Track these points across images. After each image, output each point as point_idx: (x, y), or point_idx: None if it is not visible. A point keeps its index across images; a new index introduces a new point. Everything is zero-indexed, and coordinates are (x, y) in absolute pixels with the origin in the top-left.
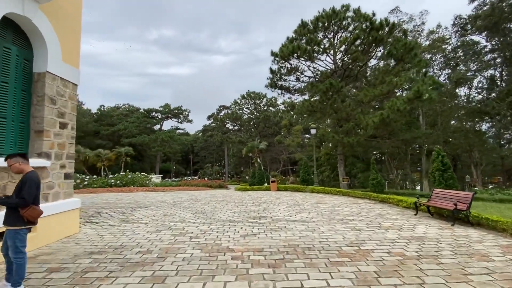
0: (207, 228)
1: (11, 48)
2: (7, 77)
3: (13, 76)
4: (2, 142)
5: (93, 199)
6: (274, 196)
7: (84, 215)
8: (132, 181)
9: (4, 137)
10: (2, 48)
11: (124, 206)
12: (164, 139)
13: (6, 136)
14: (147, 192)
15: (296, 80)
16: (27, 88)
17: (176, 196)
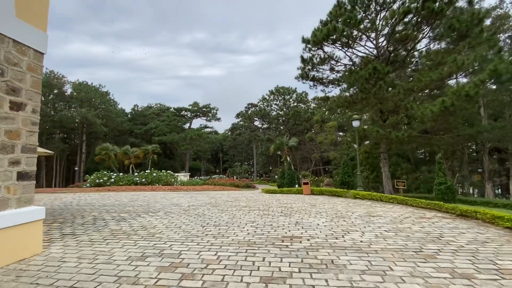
0: (212, 257)
1: None
2: None
3: None
4: None
5: (107, 199)
6: (308, 202)
7: (80, 221)
8: (157, 180)
9: None
10: None
11: (130, 210)
12: (193, 137)
13: None
14: (168, 192)
15: (330, 70)
16: None
17: (195, 198)
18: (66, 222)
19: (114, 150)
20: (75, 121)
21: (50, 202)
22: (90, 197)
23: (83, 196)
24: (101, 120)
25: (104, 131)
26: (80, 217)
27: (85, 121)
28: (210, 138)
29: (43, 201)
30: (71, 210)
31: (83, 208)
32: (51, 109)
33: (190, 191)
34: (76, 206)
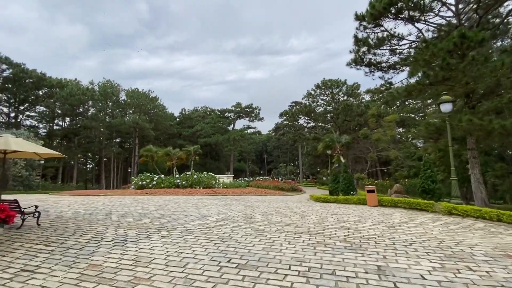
0: None
1: None
2: None
3: None
4: None
5: (133, 206)
6: (381, 221)
7: (67, 242)
8: (198, 182)
9: None
10: None
11: (145, 224)
12: (236, 138)
13: None
14: (204, 197)
15: (390, 52)
16: None
17: (229, 207)
18: (49, 241)
19: (158, 152)
20: (128, 126)
21: (70, 208)
22: (121, 202)
23: (114, 200)
24: (150, 124)
25: (154, 135)
26: (71, 235)
27: (136, 125)
28: (253, 138)
29: (70, 206)
30: (75, 222)
31: (93, 218)
32: (108, 116)
33: (228, 195)
34: (87, 215)
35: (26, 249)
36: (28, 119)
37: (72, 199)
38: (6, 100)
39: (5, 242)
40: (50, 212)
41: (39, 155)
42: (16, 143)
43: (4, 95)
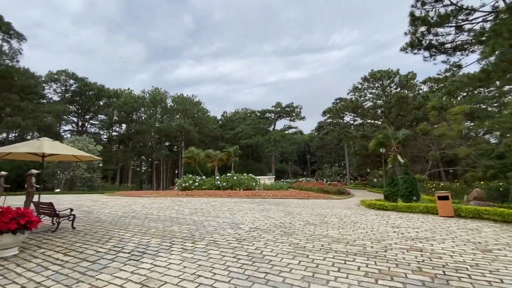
0: None
1: None
2: None
3: None
4: None
5: (169, 210)
6: (467, 240)
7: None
8: (238, 183)
9: None
10: None
11: (173, 232)
12: (277, 138)
13: None
14: (241, 200)
15: (457, 30)
16: None
17: (266, 214)
18: (71, 249)
19: (199, 154)
20: (175, 129)
21: (111, 210)
22: (159, 204)
23: (155, 202)
24: (195, 128)
25: (198, 137)
26: (96, 241)
27: (182, 129)
28: (295, 139)
29: (113, 207)
30: (107, 226)
31: (126, 222)
32: (158, 121)
33: (268, 198)
34: (122, 218)
35: (44, 258)
36: (92, 127)
37: (119, 200)
38: (75, 111)
39: (31, 248)
40: (93, 213)
41: (77, 157)
42: (50, 147)
43: (73, 107)
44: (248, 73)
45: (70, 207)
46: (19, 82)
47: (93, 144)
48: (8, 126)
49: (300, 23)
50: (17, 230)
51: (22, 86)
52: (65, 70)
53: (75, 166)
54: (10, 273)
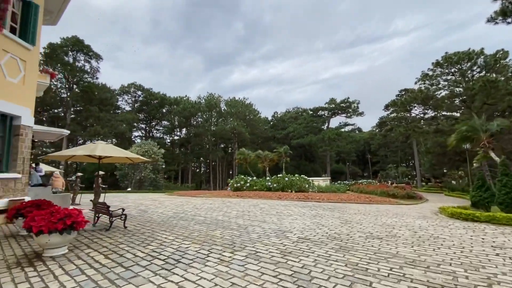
0: None
1: None
2: None
3: None
4: None
5: (217, 211)
6: None
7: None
8: (289, 185)
9: None
10: None
11: (210, 240)
12: (331, 137)
13: None
14: (292, 203)
15: None
16: None
17: (319, 221)
18: (114, 251)
19: (250, 155)
20: (228, 132)
21: (164, 210)
22: (210, 204)
23: (206, 203)
24: (246, 129)
25: (250, 138)
26: (139, 243)
27: (235, 131)
28: (352, 137)
29: (167, 207)
30: (155, 227)
31: (173, 224)
32: (213, 124)
33: (322, 201)
34: (171, 219)
35: (86, 259)
36: (157, 132)
37: (175, 200)
38: (143, 118)
39: (81, 247)
40: (147, 212)
41: (130, 159)
42: (102, 150)
43: (142, 115)
44: (299, 72)
45: (130, 206)
46: (98, 96)
47: (157, 147)
48: (90, 134)
49: (355, 13)
50: (64, 231)
51: (101, 99)
52: (134, 82)
53: (142, 167)
54: (49, 276)
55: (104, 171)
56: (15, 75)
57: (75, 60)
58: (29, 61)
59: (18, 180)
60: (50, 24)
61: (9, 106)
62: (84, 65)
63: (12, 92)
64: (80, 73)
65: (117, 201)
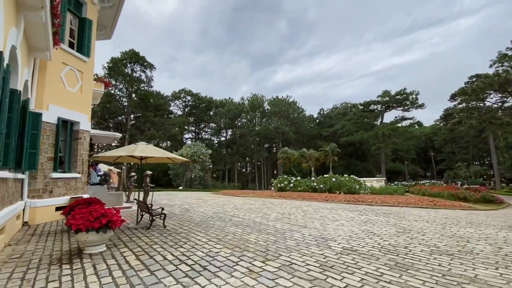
0: None
1: None
2: None
3: None
4: None
5: (254, 212)
6: None
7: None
8: (337, 186)
9: None
10: None
11: (242, 246)
12: (385, 133)
13: None
14: (341, 206)
15: None
16: None
17: (368, 229)
18: (145, 252)
19: (293, 154)
20: (272, 131)
21: (206, 209)
22: (250, 205)
23: (247, 203)
24: (290, 128)
25: (294, 137)
26: (171, 245)
27: (278, 130)
28: (411, 132)
29: (209, 206)
30: (192, 228)
31: (210, 224)
32: (257, 125)
33: (375, 205)
34: (209, 219)
35: (118, 259)
36: (206, 134)
37: (218, 199)
38: (193, 121)
39: (119, 245)
40: (190, 211)
41: (171, 159)
42: (142, 150)
43: (191, 118)
44: (347, 66)
45: (176, 204)
46: (153, 102)
47: (205, 148)
48: (147, 137)
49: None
50: (100, 229)
51: (155, 105)
52: (184, 88)
53: (192, 167)
54: (79, 275)
55: (152, 171)
56: (74, 85)
57: (133, 71)
58: (85, 72)
59: (78, 179)
60: (106, 38)
61: (70, 113)
62: (140, 75)
63: (72, 100)
64: (137, 82)
65: (166, 199)
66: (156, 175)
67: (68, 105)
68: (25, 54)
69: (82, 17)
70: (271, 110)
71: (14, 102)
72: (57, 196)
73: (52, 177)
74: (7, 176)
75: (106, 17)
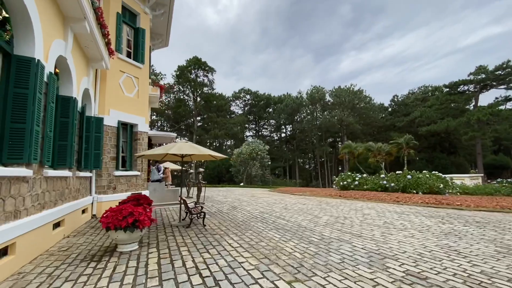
0: None
1: None
2: None
3: None
4: None
5: (307, 214)
6: None
7: None
8: (414, 184)
9: None
10: None
11: (273, 257)
12: (482, 118)
13: None
14: (414, 209)
15: None
16: None
17: (451, 246)
18: (170, 255)
19: (358, 148)
20: (335, 124)
21: (253, 207)
22: (302, 205)
23: (299, 202)
24: (356, 119)
25: (361, 129)
26: (200, 248)
27: (342, 123)
28: None
29: (259, 204)
30: (231, 229)
31: (250, 226)
32: (318, 118)
33: (465, 209)
34: (252, 220)
35: (141, 261)
36: (265, 131)
37: (271, 197)
38: (253, 119)
39: (152, 244)
40: (236, 209)
41: (214, 156)
42: (179, 148)
43: (251, 116)
44: (427, 45)
45: (228, 201)
46: (215, 103)
47: (263, 145)
48: (212, 137)
49: None
50: (127, 228)
51: (218, 106)
52: (243, 88)
53: (251, 164)
54: (95, 276)
55: (216, 168)
56: (131, 91)
57: (197, 76)
58: (141, 78)
59: (138, 176)
60: (163, 46)
61: (128, 116)
62: (203, 79)
63: (130, 104)
64: (201, 86)
65: (222, 195)
66: (219, 171)
67: (126, 109)
68: (83, 64)
69: (136, 27)
70: (333, 101)
71: (69, 108)
72: (119, 192)
73: (115, 175)
74: (65, 175)
75: (159, 25)
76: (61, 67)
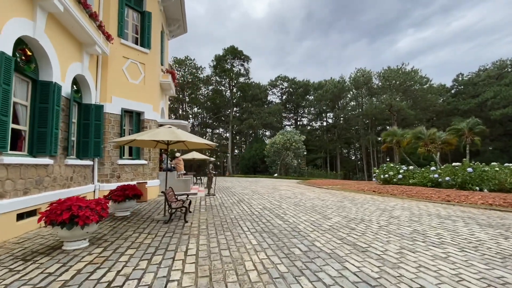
0: None
1: None
2: None
3: None
4: None
5: (313, 212)
6: None
7: None
8: (477, 179)
9: None
10: None
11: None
12: None
13: None
14: (474, 212)
15: None
16: None
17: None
18: (107, 258)
19: (404, 135)
20: (383, 110)
21: (267, 200)
22: (322, 201)
23: (318, 198)
24: (408, 103)
25: (414, 115)
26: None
27: (391, 108)
28: None
29: (276, 197)
30: (214, 226)
31: (233, 224)
32: (363, 104)
33: None
34: (256, 213)
35: (71, 263)
36: (304, 119)
37: (293, 189)
38: (291, 108)
39: (95, 245)
40: (240, 204)
41: (210, 145)
42: (155, 134)
43: (290, 105)
44: (506, 14)
45: (243, 192)
46: (250, 93)
47: (298, 134)
48: (246, 126)
49: None
50: (64, 225)
51: (253, 95)
52: (279, 75)
53: (285, 154)
54: (16, 275)
55: (251, 158)
56: (137, 77)
57: (232, 65)
58: (148, 63)
59: (145, 165)
60: (182, 32)
61: (133, 103)
62: (239, 69)
63: (135, 91)
64: (237, 76)
65: (242, 186)
66: (254, 162)
67: (131, 96)
68: (72, 48)
69: (142, 11)
70: (382, 85)
71: (48, 93)
72: (124, 180)
73: (118, 163)
74: (42, 162)
75: (173, 9)
76: (34, 49)
